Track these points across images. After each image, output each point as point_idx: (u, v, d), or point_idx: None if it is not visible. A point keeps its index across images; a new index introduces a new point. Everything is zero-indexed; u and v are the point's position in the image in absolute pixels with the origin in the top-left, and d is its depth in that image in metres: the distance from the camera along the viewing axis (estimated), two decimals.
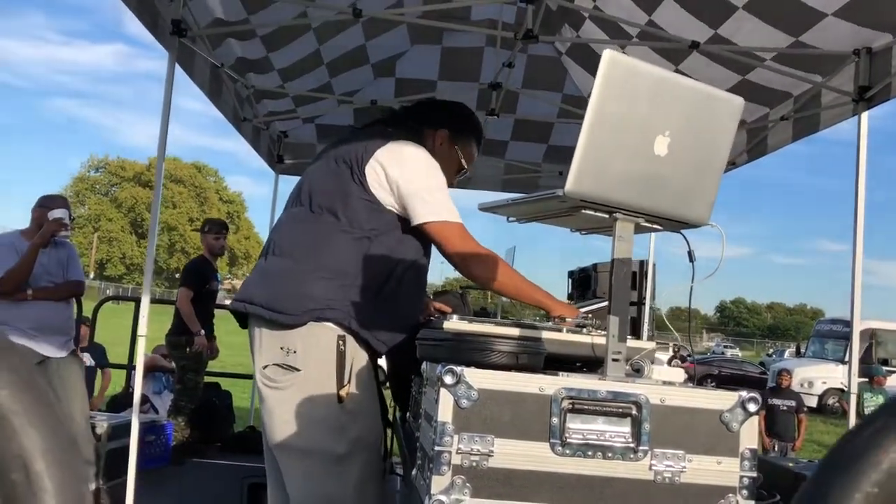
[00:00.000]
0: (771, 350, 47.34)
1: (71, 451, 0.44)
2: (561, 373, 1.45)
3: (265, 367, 2.17)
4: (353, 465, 2.14)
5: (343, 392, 2.12)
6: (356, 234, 2.17)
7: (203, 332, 5.94)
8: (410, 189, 2.17)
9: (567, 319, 1.98)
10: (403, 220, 2.20)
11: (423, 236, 2.25)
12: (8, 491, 0.43)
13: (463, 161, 2.50)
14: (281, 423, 2.16)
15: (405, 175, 2.18)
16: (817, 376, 18.73)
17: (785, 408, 8.76)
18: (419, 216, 2.17)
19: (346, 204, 2.19)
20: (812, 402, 17.41)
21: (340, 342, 2.13)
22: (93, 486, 4.38)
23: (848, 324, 3.99)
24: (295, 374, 2.13)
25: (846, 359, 4.45)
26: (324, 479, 2.12)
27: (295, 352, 2.13)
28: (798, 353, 22.71)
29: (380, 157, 2.19)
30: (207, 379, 6.63)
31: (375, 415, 2.24)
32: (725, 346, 51.60)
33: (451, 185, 2.55)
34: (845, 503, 0.44)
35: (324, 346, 2.13)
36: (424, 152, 2.25)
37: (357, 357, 2.17)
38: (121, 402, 6.64)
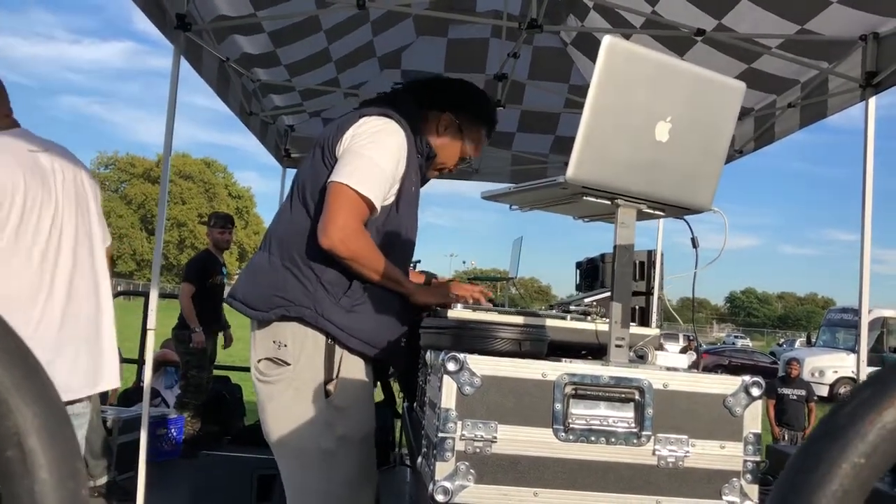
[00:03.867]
0: (781, 340, 47.23)
1: (64, 427, 0.44)
2: (564, 359, 1.45)
3: (259, 360, 2.14)
4: (341, 462, 2.09)
5: (331, 387, 2.07)
6: None
7: (200, 329, 5.91)
8: (349, 149, 2.06)
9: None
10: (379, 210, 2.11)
11: (397, 225, 2.15)
12: (3, 467, 0.43)
13: (468, 148, 2.34)
14: (271, 418, 2.12)
15: (354, 140, 2.08)
16: (828, 365, 18.69)
17: (794, 397, 8.74)
18: (333, 174, 2.04)
19: (314, 191, 2.11)
20: (823, 391, 17.36)
21: (330, 337, 2.08)
22: (105, 479, 4.41)
23: (858, 313, 3.98)
24: (285, 368, 2.09)
25: (857, 348, 4.43)
26: (312, 475, 2.08)
27: (286, 346, 2.09)
28: (809, 343, 22.65)
29: (348, 133, 2.10)
30: (218, 372, 6.66)
31: (366, 411, 2.17)
32: (736, 337, 51.56)
33: (452, 171, 2.45)
34: (834, 472, 0.44)
35: (312, 341, 2.08)
36: (391, 129, 2.12)
37: (346, 352, 2.11)
38: (132, 396, 6.69)
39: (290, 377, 2.09)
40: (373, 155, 2.06)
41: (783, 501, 0.44)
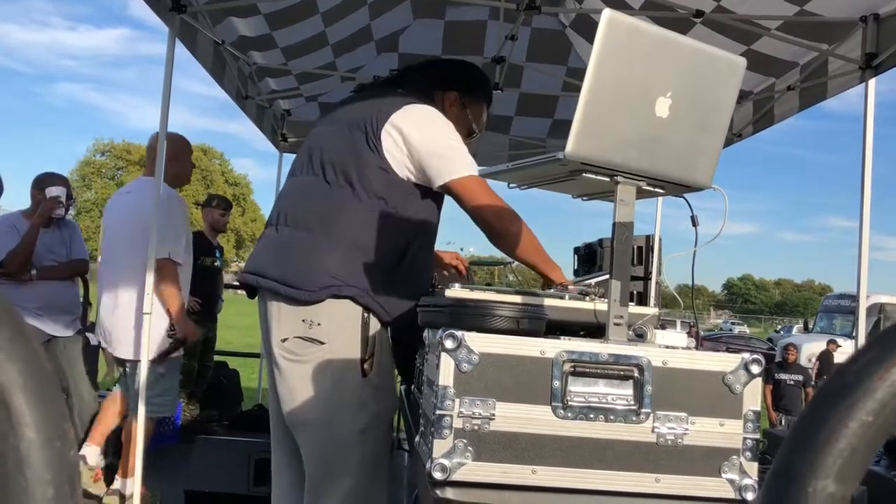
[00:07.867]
0: (779, 326, 47.32)
1: (50, 385, 0.43)
2: (563, 337, 1.44)
3: (285, 339, 2.12)
4: (371, 440, 2.12)
5: (367, 366, 2.10)
6: (371, 205, 2.11)
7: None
8: (429, 149, 2.13)
9: (570, 287, 1.96)
10: (417, 189, 2.17)
11: (434, 207, 2.23)
12: None
13: (474, 124, 2.46)
14: (302, 397, 2.12)
15: (423, 137, 2.13)
16: None
17: (792, 382, 8.78)
18: (440, 175, 2.12)
19: (360, 173, 2.13)
20: None
21: (365, 315, 2.10)
22: (103, 464, 4.41)
23: (855, 299, 3.97)
24: (319, 346, 2.09)
25: (854, 334, 4.43)
26: (342, 453, 2.10)
27: (319, 324, 2.08)
28: (806, 329, 22.68)
29: (395, 121, 2.13)
30: (216, 358, 6.64)
31: (394, 389, 2.23)
32: (733, 323, 51.70)
33: None
34: (841, 430, 0.43)
35: (349, 320, 2.09)
36: (438, 113, 2.22)
37: (379, 330, 2.14)
38: None
39: (324, 355, 2.09)
40: (452, 143, 2.16)
41: (790, 460, 0.43)
